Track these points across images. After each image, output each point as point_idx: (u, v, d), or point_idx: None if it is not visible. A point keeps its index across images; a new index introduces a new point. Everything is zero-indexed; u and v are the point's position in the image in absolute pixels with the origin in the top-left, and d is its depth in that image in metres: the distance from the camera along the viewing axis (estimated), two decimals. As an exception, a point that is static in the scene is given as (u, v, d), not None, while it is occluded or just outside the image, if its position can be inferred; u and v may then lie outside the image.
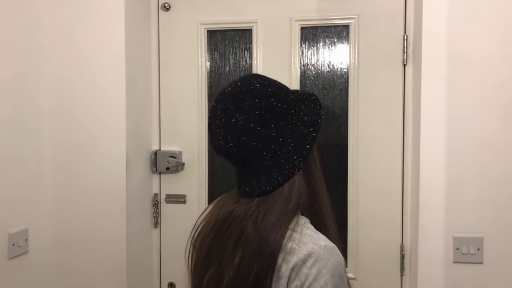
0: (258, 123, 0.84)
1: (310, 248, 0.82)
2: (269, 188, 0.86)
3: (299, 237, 0.84)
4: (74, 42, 1.70)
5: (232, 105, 0.85)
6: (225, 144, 0.85)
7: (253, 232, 0.84)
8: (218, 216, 0.91)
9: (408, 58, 1.71)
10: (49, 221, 1.73)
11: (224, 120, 0.85)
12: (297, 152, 0.88)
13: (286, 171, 0.87)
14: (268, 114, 0.85)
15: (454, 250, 1.51)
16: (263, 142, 0.85)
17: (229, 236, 0.87)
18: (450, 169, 1.51)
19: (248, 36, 1.85)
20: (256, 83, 0.88)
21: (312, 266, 0.80)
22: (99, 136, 1.71)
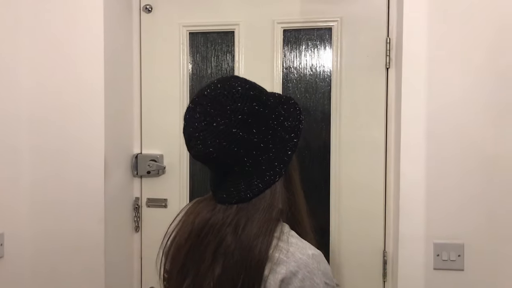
0: (240, 128, 0.81)
1: (298, 258, 0.80)
2: (249, 195, 0.84)
3: (286, 247, 0.81)
4: (52, 43, 1.67)
5: (213, 109, 0.82)
6: (204, 149, 0.82)
7: (234, 241, 0.81)
8: (194, 224, 0.87)
9: (391, 61, 1.69)
10: (26, 226, 1.69)
11: (204, 124, 0.81)
12: (278, 158, 0.85)
13: (267, 177, 0.84)
14: (250, 119, 0.82)
15: (435, 257, 1.49)
16: (245, 148, 0.82)
17: (207, 245, 0.83)
18: (430, 175, 1.50)
19: (230, 38, 1.83)
20: (238, 86, 0.85)
21: (304, 279, 0.78)
22: (77, 139, 1.68)
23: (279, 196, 0.86)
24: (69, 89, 1.67)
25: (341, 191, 1.77)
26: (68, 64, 1.67)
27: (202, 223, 0.85)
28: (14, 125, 1.65)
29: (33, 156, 1.70)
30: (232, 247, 0.81)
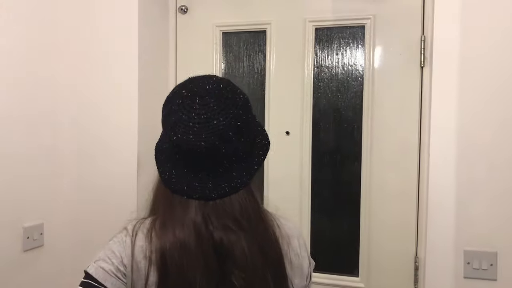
0: (235, 133, 0.82)
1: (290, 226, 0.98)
2: (214, 195, 0.84)
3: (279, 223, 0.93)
4: (88, 43, 1.77)
5: (216, 106, 0.82)
6: (195, 140, 0.81)
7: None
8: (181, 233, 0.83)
9: (426, 60, 1.62)
10: (65, 216, 1.80)
11: (203, 117, 0.81)
12: (248, 169, 0.87)
13: (234, 184, 0.85)
14: (244, 128, 0.84)
15: (465, 265, 1.41)
16: (230, 152, 0.83)
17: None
18: (461, 179, 1.42)
19: (262, 38, 1.84)
20: (240, 93, 0.87)
21: (307, 252, 0.97)
22: (112, 137, 1.75)
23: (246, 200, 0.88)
24: (104, 88, 1.76)
25: (371, 193, 1.72)
26: (103, 65, 1.76)
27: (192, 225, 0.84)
28: (55, 122, 1.75)
29: (72, 152, 1.80)
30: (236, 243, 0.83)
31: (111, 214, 1.76)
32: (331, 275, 1.78)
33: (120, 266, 0.83)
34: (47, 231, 1.73)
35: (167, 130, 0.85)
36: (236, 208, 0.85)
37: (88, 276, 0.83)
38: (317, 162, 1.79)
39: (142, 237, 0.85)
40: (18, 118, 1.59)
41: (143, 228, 0.86)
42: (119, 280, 0.83)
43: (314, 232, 1.80)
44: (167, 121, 0.84)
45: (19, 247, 1.61)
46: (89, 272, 0.83)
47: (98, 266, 0.83)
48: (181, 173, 0.85)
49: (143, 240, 0.84)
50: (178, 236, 0.82)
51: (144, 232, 0.85)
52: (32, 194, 1.66)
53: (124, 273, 0.83)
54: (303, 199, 1.80)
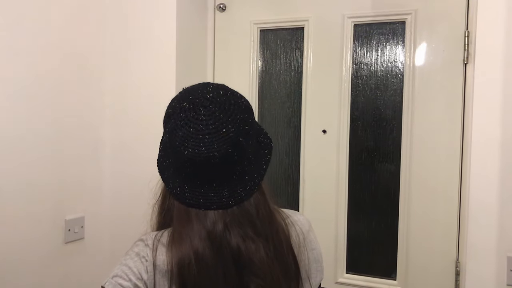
0: (244, 138, 0.82)
1: (301, 219, 0.96)
2: (231, 202, 0.83)
3: (291, 221, 0.93)
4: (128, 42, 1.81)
5: (222, 114, 0.81)
6: (208, 151, 0.79)
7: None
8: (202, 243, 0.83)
9: (470, 56, 1.55)
10: (105, 211, 1.85)
11: (211, 127, 0.80)
12: (257, 171, 0.86)
13: (248, 188, 0.84)
14: (251, 130, 0.84)
15: (508, 272, 1.34)
16: (241, 158, 0.83)
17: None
18: (505, 181, 1.35)
19: (299, 35, 1.82)
20: (240, 97, 0.87)
21: (312, 230, 0.97)
22: (150, 135, 1.78)
23: (267, 190, 0.89)
24: (143, 86, 1.79)
25: (411, 194, 1.67)
26: (141, 64, 1.79)
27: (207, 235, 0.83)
28: (98, 119, 1.81)
29: (113, 148, 1.85)
30: (253, 249, 0.82)
31: (148, 209, 1.79)
32: (368, 277, 1.74)
33: (138, 282, 0.82)
34: (88, 224, 1.79)
35: (174, 146, 0.82)
36: (252, 212, 0.84)
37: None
38: (354, 161, 1.75)
39: (163, 250, 0.83)
40: (60, 117, 1.65)
41: (163, 240, 0.85)
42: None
43: (350, 233, 1.77)
44: (173, 137, 0.82)
45: (61, 239, 1.67)
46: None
47: (116, 282, 0.82)
48: (195, 186, 0.83)
49: (164, 253, 0.83)
50: (196, 248, 0.80)
51: (164, 245, 0.84)
52: (74, 189, 1.72)
53: None
54: (340, 198, 1.77)
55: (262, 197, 0.87)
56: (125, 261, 0.84)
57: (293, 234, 0.88)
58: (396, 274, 1.70)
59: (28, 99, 1.52)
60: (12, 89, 1.47)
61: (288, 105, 1.85)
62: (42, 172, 1.59)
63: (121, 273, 0.82)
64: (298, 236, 0.90)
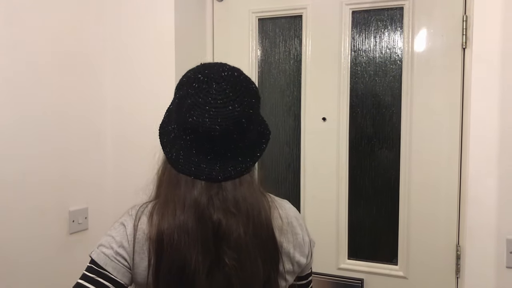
0: (246, 121, 0.86)
1: (289, 208, 0.99)
2: (220, 177, 0.87)
3: (278, 205, 0.95)
4: (126, 33, 1.82)
5: (232, 93, 0.84)
6: (210, 124, 0.83)
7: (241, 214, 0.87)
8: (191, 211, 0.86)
9: (468, 41, 1.55)
10: (108, 202, 1.87)
11: (219, 102, 0.84)
12: (258, 147, 0.92)
13: (240, 168, 0.88)
14: (254, 116, 0.88)
15: (508, 254, 1.35)
16: (240, 138, 0.86)
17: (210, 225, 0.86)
18: (504, 165, 1.36)
19: (298, 23, 1.82)
20: (252, 82, 0.90)
21: (301, 218, 1.00)
22: (150, 126, 1.78)
23: (256, 180, 0.92)
24: (144, 77, 1.80)
25: (411, 179, 1.68)
26: (140, 54, 1.80)
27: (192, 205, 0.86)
28: (99, 111, 1.82)
29: (114, 139, 1.86)
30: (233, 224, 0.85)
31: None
32: (370, 262, 1.76)
33: (120, 250, 0.87)
34: (91, 215, 1.81)
35: (180, 112, 0.86)
36: (238, 192, 0.87)
37: (91, 261, 0.87)
38: (354, 148, 1.76)
39: (145, 220, 0.88)
40: (61, 106, 1.66)
41: (146, 211, 0.90)
42: (119, 263, 0.87)
43: (351, 219, 1.78)
44: (182, 103, 0.86)
45: (65, 229, 1.70)
46: (92, 257, 0.88)
47: (100, 251, 0.88)
48: (190, 154, 0.87)
49: (146, 223, 0.87)
50: (179, 215, 0.85)
51: (147, 215, 0.89)
52: (77, 180, 1.73)
53: (124, 257, 0.87)
54: (340, 185, 1.78)
55: (251, 181, 0.90)
56: (110, 232, 0.91)
57: (276, 216, 0.91)
58: (397, 259, 1.72)
59: (29, 92, 1.54)
60: (13, 82, 1.49)
61: (287, 93, 1.86)
62: (45, 164, 1.60)
63: (105, 243, 0.89)
64: (282, 219, 0.92)
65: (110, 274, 0.86)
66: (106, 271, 0.86)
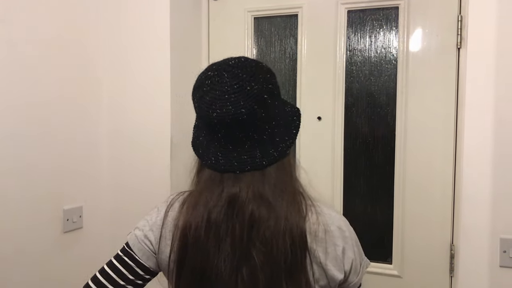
0: (269, 96, 0.85)
1: (333, 216, 0.90)
2: (264, 162, 0.85)
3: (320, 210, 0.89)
4: (121, 31, 1.81)
5: (245, 74, 0.84)
6: (235, 110, 0.82)
7: (268, 212, 0.83)
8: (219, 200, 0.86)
9: (463, 41, 1.55)
10: (103, 200, 1.86)
11: (236, 86, 0.83)
12: (288, 133, 0.89)
13: (280, 148, 0.87)
14: (275, 90, 0.88)
15: (501, 253, 1.36)
16: (268, 115, 0.85)
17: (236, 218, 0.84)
18: (498, 164, 1.37)
19: (293, 22, 1.82)
20: (261, 62, 0.90)
21: (347, 230, 0.89)
22: (146, 122, 1.79)
23: (294, 168, 0.91)
24: (138, 75, 1.80)
25: (406, 178, 1.68)
26: (136, 52, 1.80)
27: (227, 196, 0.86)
28: (95, 109, 1.81)
29: (110, 138, 1.86)
30: (266, 218, 0.83)
31: (146, 197, 1.81)
32: (364, 261, 1.76)
33: (149, 233, 0.92)
34: (86, 213, 1.80)
35: (203, 113, 0.85)
36: (271, 182, 0.85)
37: (126, 242, 0.95)
38: (350, 147, 1.76)
39: (177, 206, 0.90)
40: (56, 103, 1.65)
41: (181, 199, 0.92)
42: (145, 246, 0.91)
43: (346, 218, 1.77)
44: (202, 105, 0.85)
45: (59, 228, 1.69)
46: (127, 237, 0.95)
47: (133, 233, 0.94)
48: (228, 151, 0.87)
49: (177, 210, 0.89)
50: (211, 206, 0.84)
51: (180, 202, 0.91)
52: (72, 178, 1.73)
53: (151, 241, 0.91)
54: (336, 184, 1.78)
55: (286, 171, 0.89)
56: (147, 215, 0.96)
57: (312, 220, 0.86)
58: (392, 258, 1.73)
59: (22, 88, 1.53)
60: (6, 78, 1.48)
61: (283, 92, 1.85)
62: (39, 162, 1.60)
63: (139, 225, 0.95)
64: (319, 225, 0.86)
65: (135, 255, 0.92)
66: (133, 251, 0.92)
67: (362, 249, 0.94)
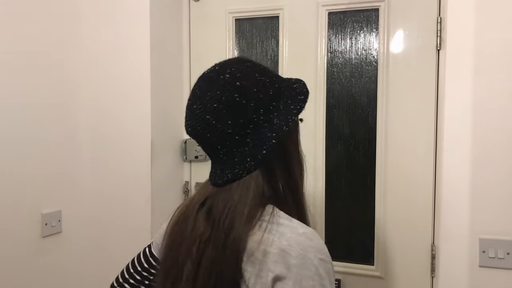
0: (213, 117, 0.80)
1: (289, 237, 0.77)
2: (219, 182, 0.85)
3: (276, 228, 0.79)
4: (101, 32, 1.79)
5: (199, 91, 0.83)
6: (187, 127, 0.85)
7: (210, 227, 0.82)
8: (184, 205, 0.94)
9: (443, 42, 1.56)
10: (82, 204, 1.83)
11: (189, 103, 0.84)
12: (252, 155, 0.82)
13: (236, 170, 0.83)
14: (225, 109, 0.80)
15: (480, 253, 1.37)
16: (217, 137, 0.82)
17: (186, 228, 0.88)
18: (477, 164, 1.38)
19: (275, 23, 1.81)
20: (228, 72, 0.82)
21: (298, 256, 0.74)
22: (126, 125, 1.77)
23: (259, 185, 0.83)
24: (118, 77, 1.77)
25: (387, 180, 1.69)
26: (116, 54, 1.77)
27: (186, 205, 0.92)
28: (74, 112, 1.78)
29: (90, 141, 1.83)
30: (207, 233, 0.81)
31: (126, 201, 1.79)
32: (346, 263, 1.76)
33: (158, 239, 1.02)
34: (65, 218, 1.77)
35: None
36: (233, 198, 0.81)
37: None
38: (331, 148, 1.76)
39: None
40: (35, 105, 1.62)
41: None
42: (158, 252, 0.99)
43: (328, 220, 1.78)
44: None
45: (37, 233, 1.66)
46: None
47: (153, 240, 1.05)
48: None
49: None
50: (178, 215, 0.91)
51: None
52: (50, 182, 1.70)
53: (157, 248, 1.01)
54: (317, 186, 1.78)
55: (249, 184, 0.82)
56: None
57: (256, 238, 0.78)
58: (373, 259, 1.73)
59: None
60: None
61: (264, 94, 1.85)
62: (16, 164, 1.56)
63: (157, 235, 1.04)
64: (259, 244, 0.77)
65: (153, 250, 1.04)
66: (153, 253, 1.04)
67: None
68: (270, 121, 0.83)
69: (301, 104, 0.85)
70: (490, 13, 1.37)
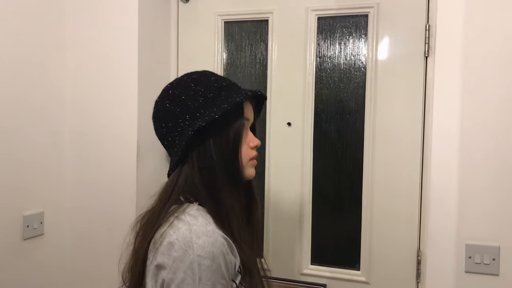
0: (154, 119, 1.00)
1: (179, 231, 0.85)
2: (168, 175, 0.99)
3: (177, 223, 0.87)
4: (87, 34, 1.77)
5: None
6: None
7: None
8: None
9: (430, 49, 1.58)
10: (65, 206, 1.80)
11: None
12: (175, 154, 0.95)
13: (171, 165, 0.97)
14: (160, 114, 0.98)
15: (466, 259, 1.38)
16: (159, 136, 0.99)
17: None
18: (464, 171, 1.39)
19: (264, 27, 1.81)
20: (172, 82, 1.00)
21: (178, 250, 0.83)
22: (112, 126, 1.75)
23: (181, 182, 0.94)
24: (104, 79, 1.75)
25: (374, 185, 1.69)
26: (103, 56, 1.76)
27: None
28: (57, 112, 1.76)
29: (73, 141, 1.80)
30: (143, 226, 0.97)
31: (111, 204, 1.76)
32: (332, 268, 1.76)
33: None
34: (47, 220, 1.73)
35: None
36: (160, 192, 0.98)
37: None
38: (319, 153, 1.77)
39: None
40: (17, 106, 1.59)
41: None
42: None
43: (315, 224, 1.78)
44: None
45: (19, 235, 1.62)
46: None
47: None
48: None
49: None
50: None
51: None
52: (32, 183, 1.66)
53: None
54: (304, 190, 1.78)
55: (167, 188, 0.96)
56: None
57: (160, 232, 0.89)
58: (359, 264, 1.73)
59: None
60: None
61: (253, 97, 1.84)
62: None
63: None
64: (160, 238, 0.87)
65: None
66: None
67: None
68: (193, 125, 0.92)
69: (221, 111, 0.91)
70: (479, 21, 1.39)
